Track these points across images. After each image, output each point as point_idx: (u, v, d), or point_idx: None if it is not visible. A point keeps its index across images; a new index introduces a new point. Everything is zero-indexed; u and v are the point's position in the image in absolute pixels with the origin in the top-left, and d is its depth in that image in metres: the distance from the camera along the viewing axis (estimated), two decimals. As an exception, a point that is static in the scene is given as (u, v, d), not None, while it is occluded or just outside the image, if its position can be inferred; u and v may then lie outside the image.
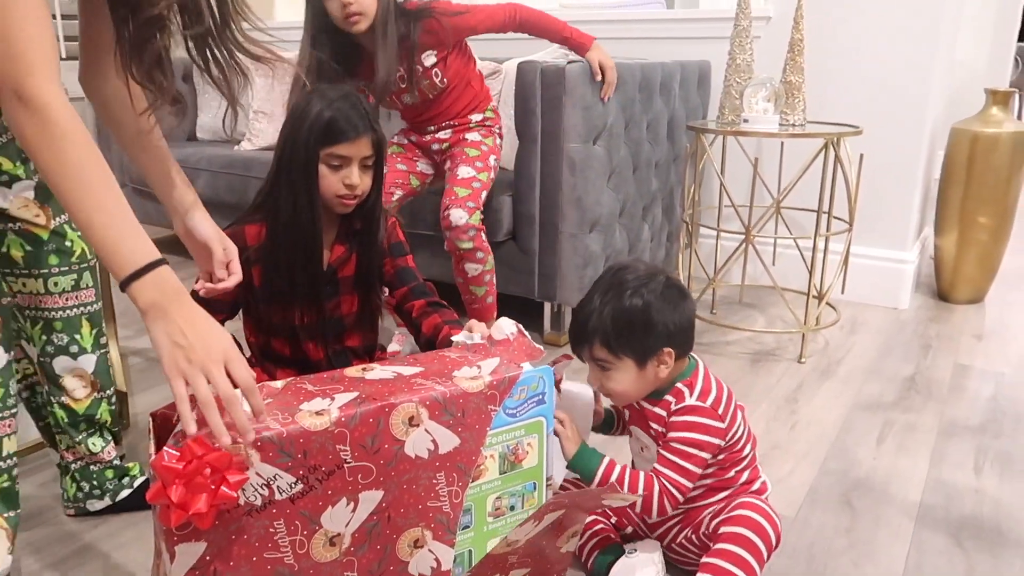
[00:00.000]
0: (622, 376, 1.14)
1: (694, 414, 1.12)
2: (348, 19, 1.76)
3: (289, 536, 0.93)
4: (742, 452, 1.18)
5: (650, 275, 1.13)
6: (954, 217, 2.55)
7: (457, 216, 1.90)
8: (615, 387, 1.15)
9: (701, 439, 1.12)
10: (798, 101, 2.14)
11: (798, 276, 2.51)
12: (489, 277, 1.99)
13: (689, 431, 1.12)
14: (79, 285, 1.29)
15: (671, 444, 1.13)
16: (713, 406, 1.13)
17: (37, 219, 1.20)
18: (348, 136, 1.28)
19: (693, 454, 1.12)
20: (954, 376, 2.02)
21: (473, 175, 1.98)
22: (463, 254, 1.94)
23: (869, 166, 2.41)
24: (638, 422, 1.21)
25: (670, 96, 2.42)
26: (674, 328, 1.12)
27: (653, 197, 2.44)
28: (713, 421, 1.12)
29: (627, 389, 1.15)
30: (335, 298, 1.41)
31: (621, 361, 1.13)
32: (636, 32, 2.77)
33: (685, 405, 1.13)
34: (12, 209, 1.17)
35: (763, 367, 2.07)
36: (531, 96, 2.02)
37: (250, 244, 1.35)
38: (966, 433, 1.73)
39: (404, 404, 0.98)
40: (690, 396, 1.14)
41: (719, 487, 1.18)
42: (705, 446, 1.12)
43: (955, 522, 1.40)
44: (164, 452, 0.82)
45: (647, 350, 1.11)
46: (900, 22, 2.37)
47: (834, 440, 1.69)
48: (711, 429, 1.12)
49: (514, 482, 1.11)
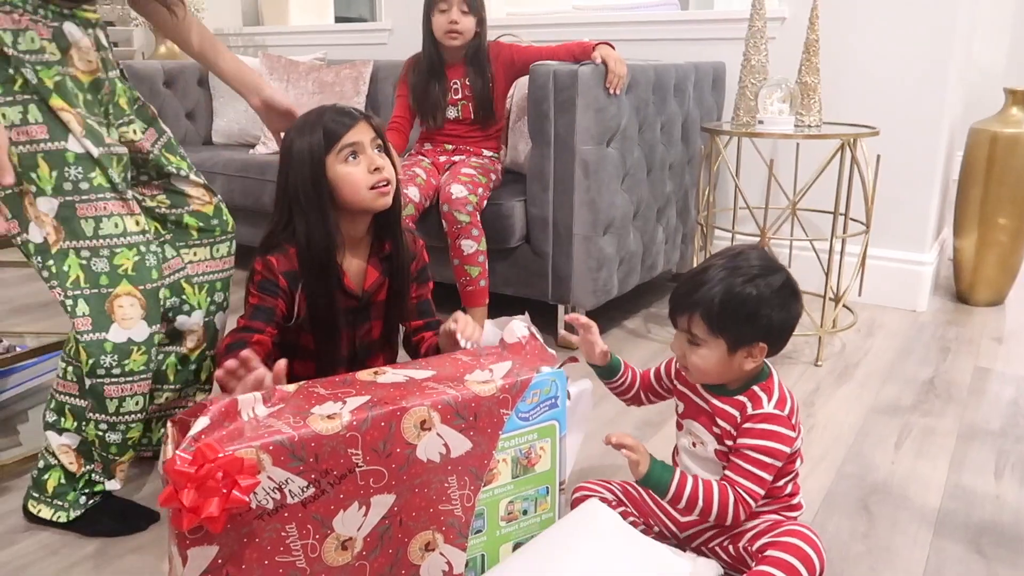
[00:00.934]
0: (709, 354, 1.12)
1: (772, 422, 1.11)
2: (447, 34, 2.14)
3: (301, 540, 0.93)
4: (794, 465, 1.17)
5: (772, 269, 1.12)
6: (973, 218, 2.52)
7: (457, 190, 2.04)
8: (698, 363, 1.13)
9: (777, 448, 1.10)
10: (814, 102, 2.12)
11: (814, 278, 2.48)
12: (483, 259, 2.08)
13: (766, 439, 1.10)
14: (230, 252, 1.51)
15: (746, 452, 1.10)
16: (789, 416, 1.12)
17: (204, 198, 1.46)
18: (346, 125, 1.28)
19: (768, 463, 1.10)
20: (974, 379, 2.00)
21: (474, 173, 2.13)
22: (460, 229, 2.04)
23: (886, 167, 2.39)
24: (699, 416, 1.19)
25: (684, 97, 2.41)
26: (777, 326, 1.11)
27: (667, 199, 2.43)
28: (787, 431, 1.11)
29: (709, 369, 1.13)
30: (366, 323, 1.42)
31: (715, 340, 1.11)
32: (650, 34, 2.76)
33: (763, 412, 1.11)
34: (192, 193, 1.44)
35: (779, 370, 2.04)
36: (544, 98, 2.02)
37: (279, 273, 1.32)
38: (986, 437, 1.70)
39: (416, 408, 0.98)
40: (768, 403, 1.12)
41: (766, 495, 1.16)
42: (779, 455, 1.10)
43: (975, 528, 1.38)
44: (176, 456, 0.83)
45: (744, 339, 1.10)
46: (916, 21, 2.35)
47: (851, 444, 1.67)
48: (785, 438, 1.11)
49: (527, 486, 1.11)
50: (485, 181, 2.15)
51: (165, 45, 3.66)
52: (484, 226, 2.10)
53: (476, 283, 2.09)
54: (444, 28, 2.13)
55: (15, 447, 1.62)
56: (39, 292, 2.73)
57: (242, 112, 3.18)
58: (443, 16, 2.13)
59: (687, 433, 1.22)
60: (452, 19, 2.11)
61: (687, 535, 1.23)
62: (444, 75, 2.23)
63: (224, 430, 0.89)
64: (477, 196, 2.07)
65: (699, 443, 1.20)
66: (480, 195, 2.09)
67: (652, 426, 1.74)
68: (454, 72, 2.23)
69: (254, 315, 1.32)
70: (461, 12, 2.12)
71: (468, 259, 2.06)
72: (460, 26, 2.12)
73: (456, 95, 2.24)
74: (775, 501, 1.18)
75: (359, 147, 1.28)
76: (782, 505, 1.19)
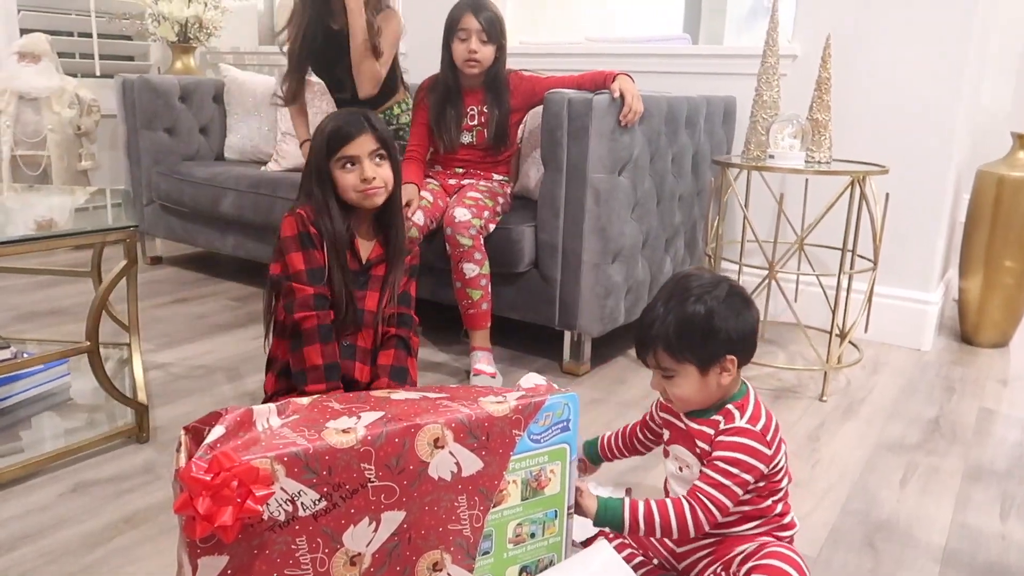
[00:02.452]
0: (685, 382, 1.14)
1: (742, 435, 1.12)
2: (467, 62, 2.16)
3: (310, 553, 0.92)
4: (780, 484, 1.18)
5: (714, 282, 1.14)
6: (979, 260, 2.54)
7: (461, 213, 2.06)
8: (678, 392, 1.15)
9: (746, 460, 1.11)
10: (824, 139, 2.14)
11: (820, 314, 2.49)
12: (485, 282, 2.08)
13: (735, 451, 1.11)
14: None
15: (715, 462, 1.12)
16: (762, 432, 1.13)
17: None
18: (350, 136, 1.52)
19: (736, 474, 1.11)
20: (979, 420, 1.99)
21: (480, 197, 2.15)
22: (462, 253, 2.05)
23: (894, 206, 2.41)
24: (682, 440, 1.20)
25: (695, 130, 2.44)
26: (736, 335, 1.12)
27: (676, 230, 2.45)
28: (760, 446, 1.12)
29: (690, 396, 1.15)
30: (363, 290, 1.62)
31: (683, 367, 1.13)
32: (662, 67, 2.79)
33: (734, 426, 1.13)
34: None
35: (784, 404, 2.05)
36: (558, 126, 2.04)
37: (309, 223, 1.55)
38: (992, 478, 1.70)
39: (430, 425, 0.98)
40: (740, 418, 1.14)
41: (754, 515, 1.18)
42: (749, 469, 1.11)
43: (980, 568, 1.37)
44: (192, 463, 0.83)
45: (710, 357, 1.12)
46: (925, 63, 2.38)
47: (856, 480, 1.67)
48: (757, 453, 1.11)
49: (535, 509, 1.10)
50: (492, 205, 2.16)
51: (181, 60, 3.70)
52: (493, 250, 2.11)
53: (478, 306, 2.09)
54: (463, 57, 2.15)
55: (17, 454, 1.61)
56: (47, 299, 2.73)
57: (255, 129, 3.21)
58: (463, 45, 2.15)
59: (674, 459, 1.24)
60: (471, 48, 2.14)
61: (684, 565, 1.23)
62: (461, 100, 2.25)
63: (239, 439, 0.89)
64: (482, 220, 2.08)
65: (685, 467, 1.21)
66: (485, 219, 2.10)
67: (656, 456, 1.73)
68: (472, 98, 2.25)
69: (311, 278, 1.52)
70: (480, 41, 2.14)
71: (470, 282, 2.06)
72: (479, 55, 2.14)
73: (472, 121, 2.25)
74: (767, 522, 1.18)
75: (356, 159, 1.53)
76: (774, 526, 1.19)
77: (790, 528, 1.21)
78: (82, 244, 1.63)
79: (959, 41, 2.33)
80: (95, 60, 3.74)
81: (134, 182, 3.17)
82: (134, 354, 1.76)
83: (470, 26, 2.13)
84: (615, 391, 2.09)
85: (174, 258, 3.40)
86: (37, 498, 1.48)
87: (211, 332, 2.45)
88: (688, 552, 1.22)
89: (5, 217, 1.83)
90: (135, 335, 1.76)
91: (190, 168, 3.00)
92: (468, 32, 2.13)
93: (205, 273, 3.18)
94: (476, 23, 2.13)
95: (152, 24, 3.60)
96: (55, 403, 1.86)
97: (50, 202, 1.99)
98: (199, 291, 2.92)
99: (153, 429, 1.75)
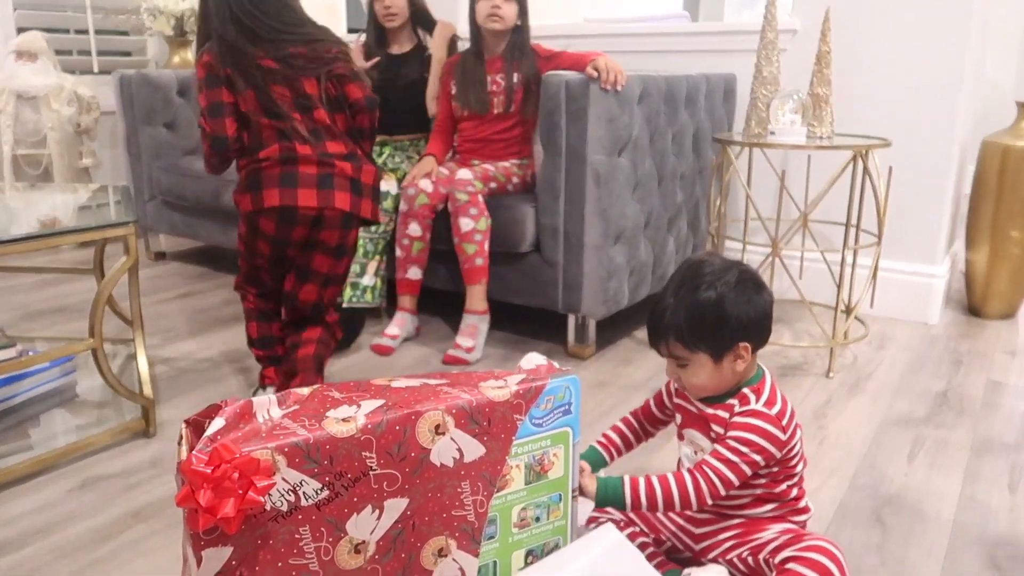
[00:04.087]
0: (699, 371, 1.14)
1: (757, 417, 1.12)
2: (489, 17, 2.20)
3: (314, 542, 0.93)
4: (795, 468, 1.17)
5: (725, 268, 1.13)
6: (985, 231, 2.51)
7: (463, 173, 2.15)
8: (693, 380, 1.15)
9: (758, 441, 1.11)
10: (825, 113, 2.12)
11: (825, 290, 2.48)
12: (480, 237, 2.13)
13: (747, 432, 1.11)
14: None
15: (727, 440, 1.12)
16: (778, 416, 1.13)
17: None
18: None
19: (745, 453, 1.11)
20: (987, 393, 1.98)
21: (489, 168, 2.25)
22: (459, 208, 2.12)
23: (898, 179, 2.39)
24: (696, 425, 1.20)
25: (695, 108, 2.42)
26: (748, 321, 1.11)
27: (678, 209, 2.43)
28: (775, 429, 1.11)
29: (705, 383, 1.15)
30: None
31: (696, 356, 1.13)
32: (661, 46, 2.77)
33: (750, 408, 1.13)
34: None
35: (790, 381, 2.04)
36: (556, 108, 2.02)
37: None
38: (1000, 451, 1.69)
39: (430, 412, 0.97)
40: (756, 401, 1.13)
41: (768, 499, 1.17)
42: (760, 450, 1.11)
43: (990, 541, 1.37)
44: (193, 456, 0.83)
45: (722, 344, 1.11)
46: (928, 34, 2.35)
47: (864, 456, 1.66)
48: (771, 436, 1.11)
49: (539, 493, 1.10)
50: (502, 180, 2.23)
51: (179, 54, 3.69)
52: (494, 230, 2.14)
53: (472, 260, 2.14)
54: (486, 12, 2.20)
55: (26, 451, 1.62)
56: (52, 297, 2.74)
57: (254, 121, 3.20)
58: (486, 2, 2.19)
59: (689, 443, 1.23)
60: (495, 3, 2.18)
61: (702, 547, 1.22)
62: (483, 65, 2.29)
63: (239, 431, 0.89)
64: (483, 184, 2.16)
65: (699, 451, 1.21)
66: (488, 187, 2.17)
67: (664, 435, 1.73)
68: (493, 65, 2.29)
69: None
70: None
71: (465, 236, 2.12)
72: (502, 11, 2.19)
73: (495, 87, 2.29)
74: (782, 506, 1.18)
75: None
76: (788, 509, 1.19)
77: (805, 512, 1.20)
78: (83, 241, 1.63)
79: (962, 10, 2.29)
80: (92, 57, 3.73)
81: (135, 178, 3.17)
82: (138, 349, 1.76)
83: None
84: (621, 373, 2.09)
85: (177, 253, 3.40)
86: (46, 494, 1.49)
87: (216, 326, 2.46)
88: (708, 533, 1.21)
89: (8, 216, 1.83)
90: (139, 330, 1.76)
91: (191, 163, 3.00)
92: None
93: (208, 267, 3.19)
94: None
95: (148, 19, 3.58)
96: (62, 400, 1.87)
97: (53, 200, 2.00)
98: (203, 285, 2.93)
99: (160, 424, 1.76)
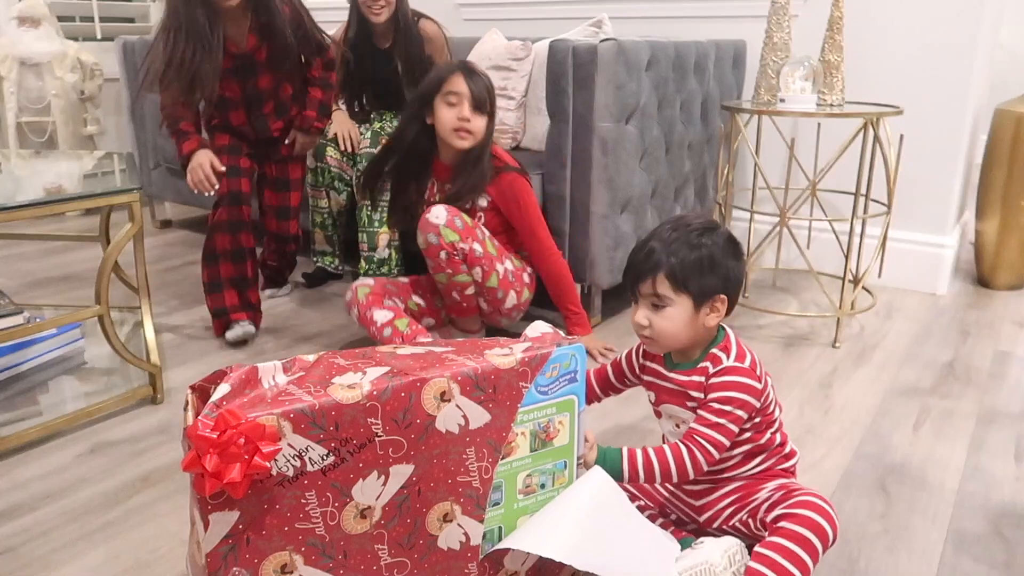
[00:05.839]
0: (676, 314, 1.14)
1: (734, 374, 1.13)
2: (457, 132, 1.82)
3: (320, 507, 0.93)
4: (773, 415, 1.19)
5: (713, 226, 1.17)
6: (996, 201, 2.49)
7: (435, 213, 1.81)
8: (667, 325, 1.15)
9: (740, 397, 1.12)
10: (836, 80, 2.09)
11: (833, 260, 2.46)
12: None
13: (728, 390, 1.13)
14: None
15: (710, 404, 1.13)
16: (751, 367, 1.15)
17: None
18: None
19: (730, 411, 1.12)
20: (994, 363, 1.98)
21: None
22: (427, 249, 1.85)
23: (909, 148, 2.36)
24: (672, 398, 1.20)
25: (704, 75, 2.38)
26: (732, 277, 1.15)
27: (686, 178, 2.41)
28: (752, 380, 1.13)
29: (677, 330, 1.15)
30: (254, 77, 2.08)
31: (680, 298, 1.14)
32: (670, 11, 2.73)
33: (724, 366, 1.14)
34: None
35: (796, 351, 2.04)
36: (563, 75, 2.00)
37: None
38: (1006, 421, 1.69)
39: (436, 379, 0.97)
40: (728, 359, 1.15)
41: (756, 451, 1.19)
42: (742, 404, 1.13)
43: (994, 510, 1.37)
44: (199, 421, 0.83)
45: (707, 291, 1.14)
46: (942, 0, 2.30)
47: (869, 425, 1.66)
48: (750, 388, 1.13)
49: (545, 460, 1.10)
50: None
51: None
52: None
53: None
54: (454, 125, 1.83)
55: (35, 417, 1.63)
56: (59, 265, 2.75)
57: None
58: (452, 110, 1.83)
59: (668, 418, 1.24)
60: (463, 115, 1.81)
61: (705, 517, 1.23)
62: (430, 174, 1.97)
63: (245, 397, 0.90)
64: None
65: (681, 423, 1.21)
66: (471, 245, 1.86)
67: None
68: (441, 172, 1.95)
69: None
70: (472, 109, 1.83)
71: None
72: (471, 125, 1.83)
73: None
74: (770, 455, 1.20)
75: None
76: (777, 457, 1.21)
77: (792, 457, 1.23)
78: (87, 208, 1.63)
79: (977, -26, 2.25)
80: (95, 23, 3.70)
81: (140, 145, 3.16)
82: (145, 317, 1.77)
83: (461, 90, 1.81)
84: (626, 342, 2.09)
85: (183, 221, 3.40)
86: (56, 459, 1.51)
87: (222, 294, 2.46)
88: (709, 504, 1.22)
89: (14, 183, 1.83)
90: (145, 298, 1.77)
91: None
92: (459, 96, 1.81)
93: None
94: (467, 88, 1.81)
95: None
96: (70, 367, 1.88)
97: (57, 167, 1.99)
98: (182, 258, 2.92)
99: (167, 390, 1.77)
